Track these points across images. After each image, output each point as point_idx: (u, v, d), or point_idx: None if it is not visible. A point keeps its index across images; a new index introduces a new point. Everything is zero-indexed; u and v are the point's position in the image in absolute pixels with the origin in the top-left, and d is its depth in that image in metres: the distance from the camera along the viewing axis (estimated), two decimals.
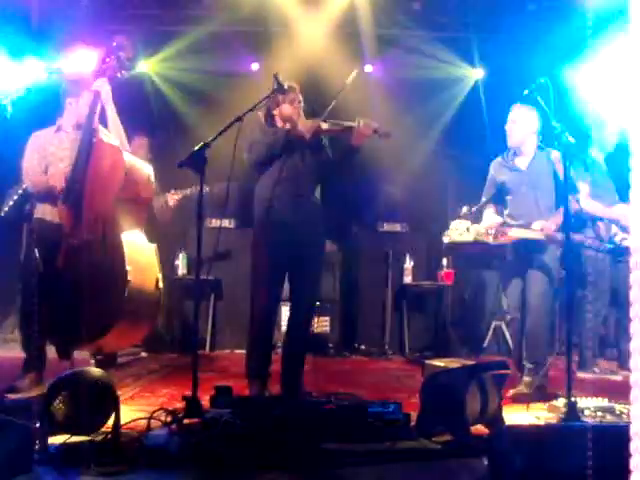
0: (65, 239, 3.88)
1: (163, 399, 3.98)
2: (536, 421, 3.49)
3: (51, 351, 4.09)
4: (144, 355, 5.90)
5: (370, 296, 6.76)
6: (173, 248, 6.48)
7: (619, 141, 5.28)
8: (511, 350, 6.02)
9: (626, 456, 1.56)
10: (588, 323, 5.24)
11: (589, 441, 2.46)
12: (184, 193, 5.87)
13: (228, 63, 6.84)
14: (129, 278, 3.79)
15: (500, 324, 6.45)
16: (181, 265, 6.54)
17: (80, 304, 3.67)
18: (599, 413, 3.48)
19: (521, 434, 2.69)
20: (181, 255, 6.55)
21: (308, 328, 4.43)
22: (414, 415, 3.33)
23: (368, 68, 7.05)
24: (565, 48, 5.88)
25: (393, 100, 6.62)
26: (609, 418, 3.45)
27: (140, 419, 3.17)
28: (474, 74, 7.13)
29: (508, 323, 4.65)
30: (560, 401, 3.56)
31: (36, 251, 3.92)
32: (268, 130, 4.11)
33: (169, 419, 3.20)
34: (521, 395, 4.07)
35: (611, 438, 2.51)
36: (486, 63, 7.06)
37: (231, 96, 6.13)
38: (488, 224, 4.39)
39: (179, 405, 3.46)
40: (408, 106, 6.65)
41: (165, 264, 6.19)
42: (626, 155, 1.38)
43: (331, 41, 6.45)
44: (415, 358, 6.14)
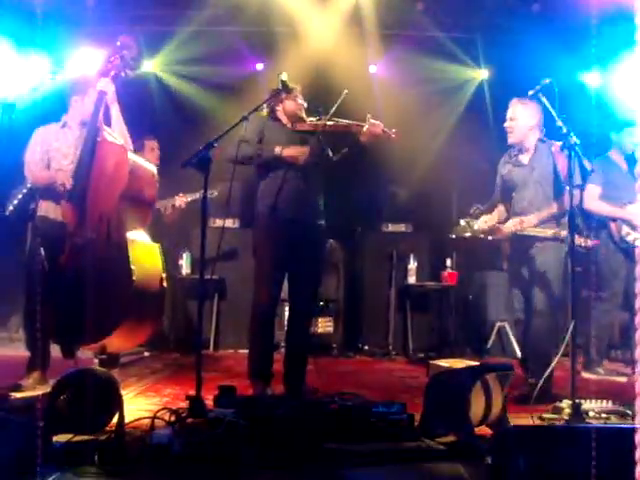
0: (69, 238, 3.89)
1: (167, 399, 3.98)
2: (540, 422, 3.49)
3: (55, 350, 4.10)
4: (147, 355, 5.91)
5: (374, 296, 6.75)
6: (177, 248, 6.48)
7: None
8: (515, 351, 6.06)
9: (630, 460, 1.56)
10: (595, 323, 5.24)
11: (593, 443, 2.46)
12: (193, 197, 5.86)
13: (233, 63, 6.84)
14: (133, 277, 3.80)
15: (504, 325, 6.44)
16: (185, 265, 6.54)
17: (84, 303, 3.67)
18: (603, 415, 3.47)
19: (525, 435, 2.68)
20: (185, 255, 6.55)
21: (309, 327, 4.43)
22: (418, 416, 3.33)
23: (373, 69, 7.05)
24: (572, 49, 5.86)
25: (398, 101, 6.60)
26: (613, 420, 3.44)
27: (144, 418, 3.17)
28: (479, 75, 7.12)
29: (515, 323, 4.63)
30: (564, 403, 3.55)
31: (41, 250, 3.93)
32: (270, 135, 4.12)
33: (173, 419, 3.20)
34: (525, 397, 4.06)
35: (615, 440, 2.50)
36: (491, 64, 7.05)
37: (236, 96, 6.14)
38: (489, 221, 4.40)
39: (183, 405, 3.47)
40: (413, 107, 6.63)
41: (169, 264, 6.24)
42: None
43: (336, 41, 6.44)
44: (419, 359, 6.14)
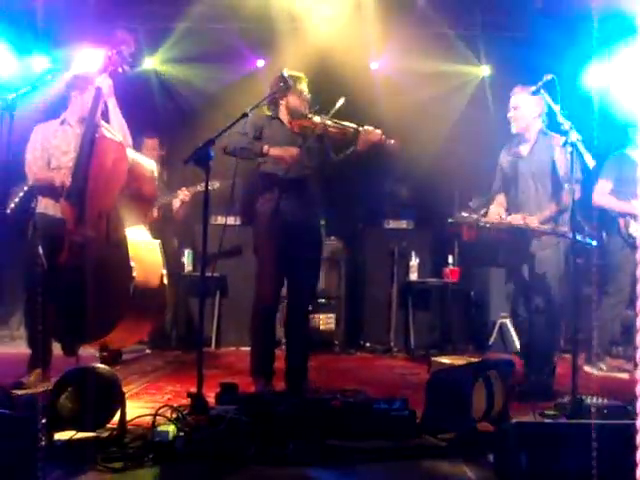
0: (68, 236, 3.88)
1: (168, 396, 3.98)
2: (542, 419, 3.48)
3: (57, 348, 4.10)
4: (149, 352, 5.91)
5: (375, 293, 6.74)
6: (179, 245, 6.48)
7: None
8: (517, 347, 6.06)
9: (632, 453, 1.56)
10: (599, 317, 5.23)
11: (594, 439, 2.45)
12: (195, 190, 5.86)
13: (233, 60, 6.83)
14: (133, 274, 3.79)
15: (506, 321, 6.43)
16: (186, 262, 6.54)
17: (85, 301, 3.68)
18: (605, 411, 3.46)
19: (527, 432, 2.68)
20: (187, 252, 6.55)
21: (308, 324, 4.43)
22: (420, 412, 3.33)
23: (374, 65, 7.04)
24: (575, 46, 5.85)
25: (399, 97, 6.59)
26: (615, 416, 3.43)
27: (145, 416, 3.17)
28: (481, 71, 7.10)
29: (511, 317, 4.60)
30: (566, 399, 3.55)
31: (40, 248, 3.92)
32: (268, 132, 4.11)
33: (174, 416, 3.20)
34: (527, 393, 4.06)
35: (617, 436, 2.50)
36: (493, 60, 7.03)
37: (237, 93, 6.13)
38: (491, 210, 4.39)
39: (184, 402, 3.46)
40: (414, 103, 6.62)
41: (171, 261, 6.24)
42: None
43: (336, 38, 6.42)
44: (421, 355, 6.14)
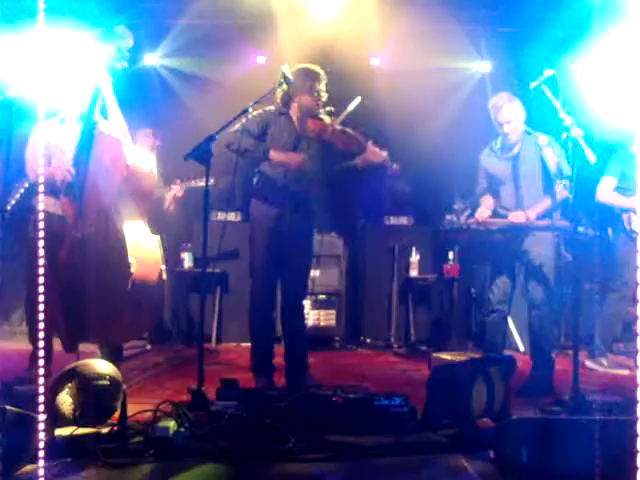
0: (68, 232, 3.88)
1: (169, 392, 3.99)
2: (543, 415, 3.48)
3: (58, 344, 4.10)
4: (150, 348, 5.91)
5: (376, 289, 6.74)
6: (179, 241, 6.48)
7: None
8: (518, 343, 6.07)
9: (633, 449, 1.56)
10: (603, 312, 5.28)
11: (595, 435, 2.45)
12: (188, 184, 5.86)
13: (234, 56, 6.82)
14: (132, 270, 3.80)
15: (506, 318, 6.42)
16: (187, 258, 6.54)
17: (84, 297, 3.68)
18: (606, 407, 3.46)
19: (528, 428, 2.68)
20: (187, 248, 6.54)
21: (303, 318, 4.43)
22: (420, 408, 3.33)
23: (374, 61, 7.03)
24: (575, 41, 5.83)
25: (399, 94, 6.58)
26: (616, 412, 3.43)
27: (146, 411, 3.17)
28: (481, 67, 7.10)
29: (493, 318, 4.55)
30: (567, 395, 3.55)
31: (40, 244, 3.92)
32: (275, 130, 4.10)
33: (175, 411, 3.20)
34: (528, 389, 4.06)
35: (618, 432, 2.50)
36: (493, 56, 7.02)
37: (237, 89, 6.12)
38: (479, 211, 4.42)
39: (185, 398, 3.47)
40: (414, 99, 6.61)
41: (171, 257, 6.24)
42: None
43: (337, 34, 6.41)
44: (421, 351, 6.14)
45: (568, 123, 3.71)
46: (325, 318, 6.39)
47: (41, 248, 3.75)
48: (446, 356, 3.93)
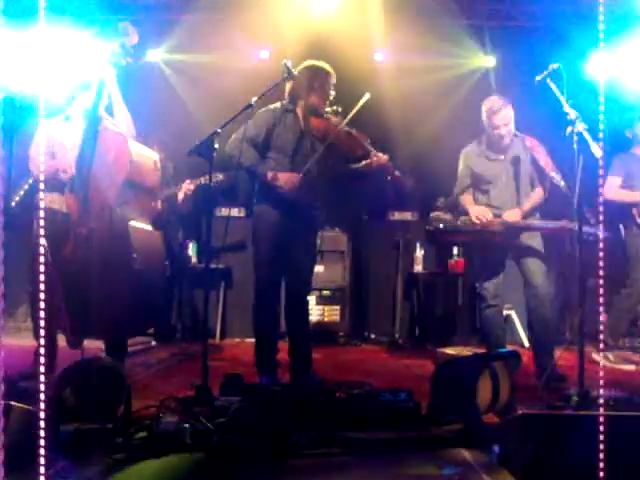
0: (73, 228, 3.89)
1: (173, 387, 3.98)
2: (548, 410, 3.47)
3: (62, 340, 4.11)
4: (154, 344, 5.92)
5: (380, 285, 6.74)
6: (186, 237, 6.49)
7: None
8: (522, 339, 6.06)
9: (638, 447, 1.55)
10: (614, 307, 5.28)
11: (601, 430, 2.44)
12: (198, 182, 5.85)
13: (237, 51, 6.80)
14: (135, 266, 3.79)
15: (511, 313, 6.42)
16: (191, 254, 6.54)
17: (88, 293, 3.68)
18: (611, 403, 3.45)
19: (533, 423, 2.67)
20: (191, 244, 6.55)
21: (307, 313, 4.43)
22: (425, 404, 3.33)
23: (378, 56, 7.00)
24: (582, 34, 5.81)
25: (403, 88, 6.56)
26: (622, 407, 3.42)
27: (150, 407, 3.17)
28: (486, 62, 7.07)
29: (490, 312, 4.56)
30: (572, 390, 3.54)
31: (44, 241, 3.92)
32: (280, 132, 4.08)
33: (179, 407, 3.20)
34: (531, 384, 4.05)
35: (624, 427, 2.49)
36: (498, 51, 6.99)
37: (241, 84, 6.10)
38: (477, 211, 4.43)
39: (189, 393, 3.47)
40: (419, 94, 6.59)
41: (176, 253, 6.25)
42: None
43: (341, 29, 6.39)
44: (426, 346, 6.13)
45: (573, 117, 3.69)
46: (329, 314, 6.39)
47: (42, 245, 3.75)
48: (451, 351, 3.93)
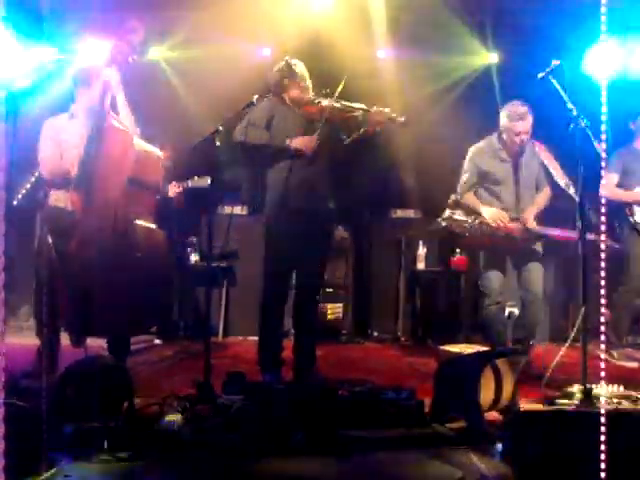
0: (78, 226, 3.89)
1: (176, 385, 3.99)
2: (550, 407, 3.47)
3: (65, 338, 4.11)
4: (157, 342, 5.92)
5: (383, 283, 6.73)
6: (185, 235, 6.49)
7: None
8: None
9: None
10: (613, 305, 5.26)
11: (603, 427, 2.44)
12: (184, 185, 5.82)
13: (238, 49, 6.79)
14: (138, 264, 3.80)
15: (514, 310, 6.40)
16: (193, 252, 6.53)
17: (92, 291, 3.68)
18: (614, 400, 3.45)
19: (535, 420, 2.67)
20: (194, 241, 6.54)
21: (316, 314, 4.43)
22: (428, 401, 3.32)
23: (381, 53, 6.99)
24: (584, 31, 5.80)
25: (405, 86, 6.55)
26: (625, 405, 3.42)
27: (153, 405, 3.18)
28: (489, 59, 7.05)
29: (495, 309, 4.75)
30: (575, 387, 3.53)
31: (49, 239, 3.93)
32: (279, 120, 4.09)
33: (182, 405, 3.21)
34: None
35: (626, 424, 2.49)
36: (501, 48, 6.97)
37: (242, 82, 6.10)
38: (493, 214, 4.48)
39: (192, 391, 3.47)
40: (421, 91, 6.58)
41: (178, 251, 6.24)
42: None
43: (344, 26, 6.38)
44: (428, 344, 6.13)
45: (575, 114, 3.68)
46: (332, 311, 6.38)
47: (50, 242, 3.77)
48: (454, 349, 3.91)
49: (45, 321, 3.86)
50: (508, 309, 6.50)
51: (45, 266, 3.85)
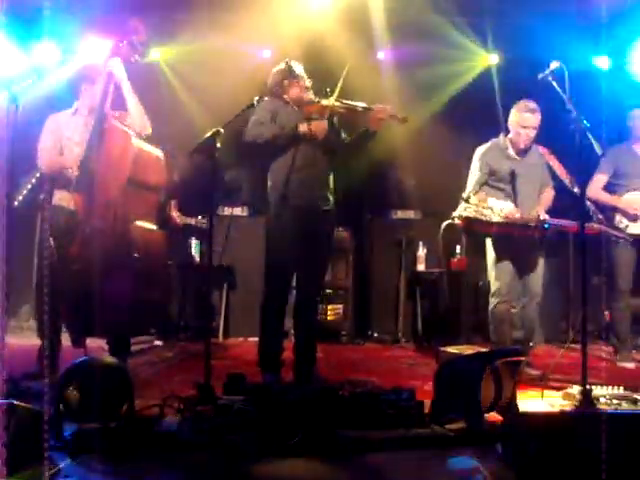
0: (79, 226, 3.89)
1: (176, 386, 3.99)
2: (551, 408, 3.47)
3: (65, 339, 4.12)
4: (158, 343, 5.92)
5: (383, 283, 6.73)
6: (186, 236, 6.49)
7: None
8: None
9: None
10: (610, 308, 5.37)
11: (603, 429, 2.44)
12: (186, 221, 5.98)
13: (239, 50, 6.79)
14: (137, 265, 3.80)
15: (515, 311, 6.40)
16: (194, 253, 6.54)
17: (92, 292, 3.68)
18: (614, 401, 3.45)
19: (535, 421, 2.67)
20: (194, 243, 6.55)
21: (316, 314, 4.43)
22: (428, 402, 3.32)
23: (380, 55, 6.99)
24: (584, 31, 5.81)
25: (406, 87, 6.56)
26: (625, 406, 3.42)
27: (153, 406, 3.18)
28: (489, 60, 7.05)
29: (502, 307, 4.79)
30: (575, 389, 3.54)
31: (50, 239, 3.93)
32: (283, 116, 4.10)
33: (182, 406, 3.21)
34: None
35: (626, 426, 2.49)
36: (501, 49, 6.98)
37: (243, 83, 6.10)
38: (505, 209, 4.45)
39: (192, 392, 3.47)
40: (421, 93, 6.59)
41: (178, 251, 6.24)
42: None
43: (343, 27, 6.38)
44: (429, 345, 6.13)
45: (575, 114, 3.68)
46: (332, 312, 6.38)
47: (52, 243, 3.77)
48: (454, 350, 3.91)
49: (46, 321, 3.86)
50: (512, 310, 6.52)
51: (45, 266, 3.86)
